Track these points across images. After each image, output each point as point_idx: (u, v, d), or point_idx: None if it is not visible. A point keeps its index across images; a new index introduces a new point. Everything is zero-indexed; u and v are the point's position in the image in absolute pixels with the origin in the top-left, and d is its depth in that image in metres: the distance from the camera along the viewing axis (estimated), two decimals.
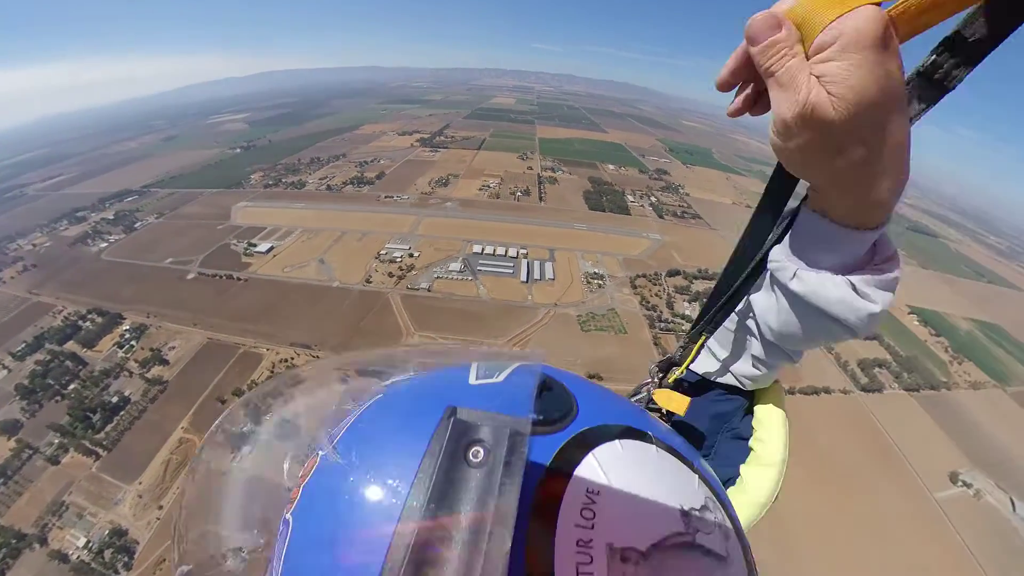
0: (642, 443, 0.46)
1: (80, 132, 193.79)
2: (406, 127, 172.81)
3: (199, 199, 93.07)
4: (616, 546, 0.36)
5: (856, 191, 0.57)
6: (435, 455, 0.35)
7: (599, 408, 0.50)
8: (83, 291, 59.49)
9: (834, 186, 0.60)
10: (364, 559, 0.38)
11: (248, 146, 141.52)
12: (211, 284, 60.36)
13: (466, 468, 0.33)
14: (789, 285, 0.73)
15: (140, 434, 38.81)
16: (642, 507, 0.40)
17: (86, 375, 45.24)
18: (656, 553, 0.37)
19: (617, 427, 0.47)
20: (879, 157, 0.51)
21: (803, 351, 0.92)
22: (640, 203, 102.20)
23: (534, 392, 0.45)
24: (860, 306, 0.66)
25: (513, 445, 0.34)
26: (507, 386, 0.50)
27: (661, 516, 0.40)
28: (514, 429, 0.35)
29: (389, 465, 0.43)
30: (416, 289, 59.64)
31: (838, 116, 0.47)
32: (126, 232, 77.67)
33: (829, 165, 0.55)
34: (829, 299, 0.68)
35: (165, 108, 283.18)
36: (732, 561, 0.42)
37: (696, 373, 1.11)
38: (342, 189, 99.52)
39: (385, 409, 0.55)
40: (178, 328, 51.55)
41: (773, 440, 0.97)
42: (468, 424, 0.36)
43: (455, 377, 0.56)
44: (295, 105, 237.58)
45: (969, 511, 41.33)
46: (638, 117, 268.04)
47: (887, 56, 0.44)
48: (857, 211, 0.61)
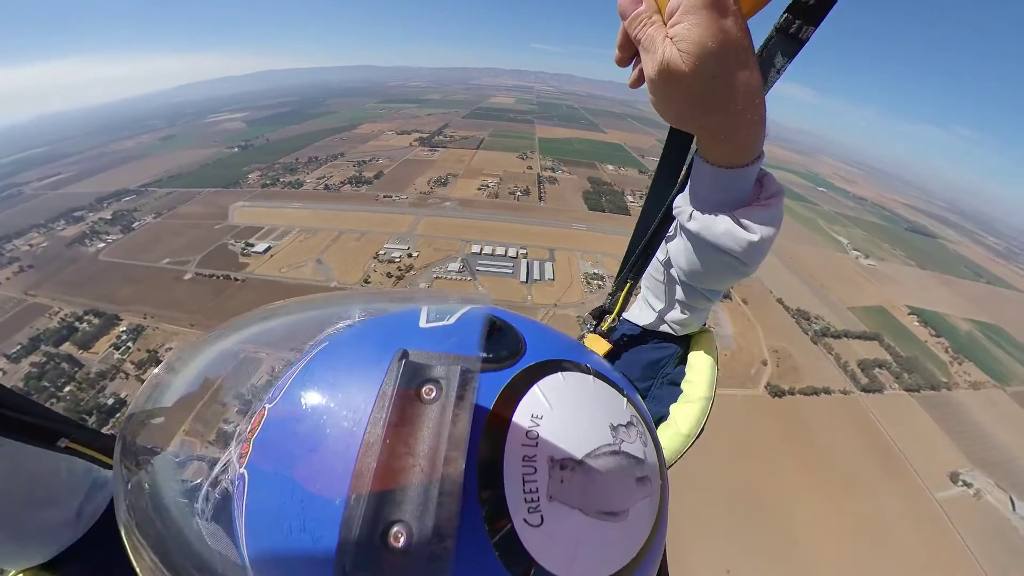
0: (580, 373, 0.51)
1: (78, 131, 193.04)
2: (404, 126, 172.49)
3: (197, 199, 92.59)
4: (556, 458, 0.42)
5: (720, 134, 0.67)
6: (387, 395, 0.36)
7: (544, 345, 0.54)
8: (80, 292, 59.10)
9: (704, 131, 0.70)
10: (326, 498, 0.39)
11: (246, 145, 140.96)
12: (208, 284, 59.99)
13: (420, 404, 0.35)
14: (687, 226, 0.84)
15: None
16: (578, 425, 0.45)
17: (82, 377, 44.86)
18: (588, 460, 0.43)
19: (559, 361, 0.52)
20: (731, 101, 0.60)
21: (718, 290, 1.01)
22: (640, 203, 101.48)
23: (484, 333, 0.51)
24: (741, 236, 0.76)
25: (464, 380, 0.36)
26: (458, 328, 0.53)
27: (593, 431, 0.46)
28: (465, 367, 0.37)
29: (342, 409, 0.44)
30: None
31: (687, 67, 0.57)
32: (124, 232, 77.24)
33: (693, 113, 0.65)
34: (716, 232, 0.78)
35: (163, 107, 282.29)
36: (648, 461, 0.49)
37: (638, 325, 1.20)
38: (340, 189, 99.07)
39: (332, 356, 0.55)
40: (175, 329, 51.18)
41: (699, 380, 1.05)
42: (420, 365, 0.37)
43: (405, 321, 0.57)
44: (293, 104, 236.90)
45: (969, 511, 41.30)
46: (637, 117, 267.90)
47: (721, 14, 0.54)
48: (727, 151, 0.70)
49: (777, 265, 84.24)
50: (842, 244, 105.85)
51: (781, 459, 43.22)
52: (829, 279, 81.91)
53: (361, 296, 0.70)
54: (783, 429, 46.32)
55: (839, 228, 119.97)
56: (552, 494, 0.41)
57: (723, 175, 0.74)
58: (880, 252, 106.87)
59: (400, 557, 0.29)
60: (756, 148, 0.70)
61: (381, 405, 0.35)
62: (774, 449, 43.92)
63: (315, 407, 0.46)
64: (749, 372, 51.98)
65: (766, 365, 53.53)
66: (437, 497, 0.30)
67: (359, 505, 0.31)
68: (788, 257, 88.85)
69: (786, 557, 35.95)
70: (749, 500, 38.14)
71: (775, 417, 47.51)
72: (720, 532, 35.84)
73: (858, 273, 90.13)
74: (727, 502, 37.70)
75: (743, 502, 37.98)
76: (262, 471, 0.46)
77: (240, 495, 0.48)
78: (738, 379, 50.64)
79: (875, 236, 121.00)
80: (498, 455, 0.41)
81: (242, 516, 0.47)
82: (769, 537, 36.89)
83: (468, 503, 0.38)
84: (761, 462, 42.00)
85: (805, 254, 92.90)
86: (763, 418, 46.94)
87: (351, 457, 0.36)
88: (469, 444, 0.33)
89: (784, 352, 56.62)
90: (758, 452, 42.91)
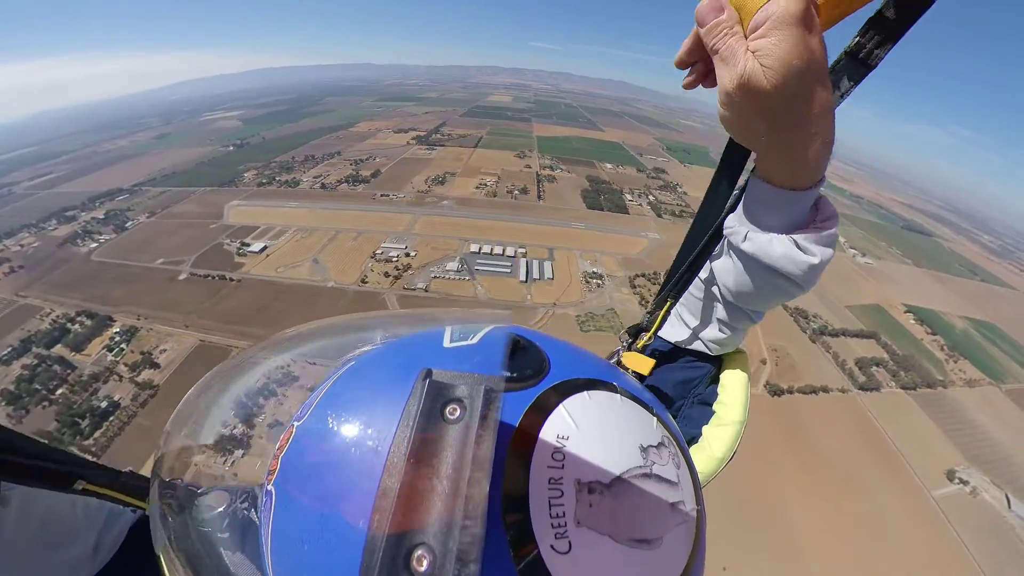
0: (608, 393, 0.50)
1: (71, 129, 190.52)
2: (401, 125, 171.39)
3: (191, 198, 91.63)
4: (583, 481, 0.41)
5: (790, 154, 0.66)
6: (412, 415, 0.35)
7: (570, 364, 0.53)
8: (72, 293, 58.28)
9: (772, 150, 0.68)
10: (349, 520, 0.39)
11: (241, 144, 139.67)
12: (203, 285, 59.31)
13: (444, 424, 0.34)
14: (741, 247, 0.82)
15: (130, 440, 37.96)
16: (606, 447, 0.44)
17: (74, 379, 44.21)
18: (618, 483, 0.41)
19: (585, 380, 0.51)
20: (807, 122, 0.59)
21: (763, 311, 0.99)
22: (638, 202, 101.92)
23: (507, 352, 0.49)
24: (801, 259, 0.75)
25: (488, 400, 0.35)
26: (481, 347, 0.52)
27: (623, 453, 0.44)
28: (489, 386, 0.36)
29: (367, 428, 0.45)
30: (413, 289, 58.94)
31: (769, 84, 0.55)
32: (117, 232, 76.27)
33: (767, 130, 0.63)
34: (774, 255, 0.76)
35: (158, 105, 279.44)
36: (682, 486, 0.47)
37: (669, 342, 1.17)
38: (337, 187, 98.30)
39: (358, 376, 0.56)
40: (169, 330, 50.56)
41: (734, 402, 1.04)
42: (443, 384, 0.37)
43: (429, 341, 0.57)
44: (289, 102, 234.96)
45: (966, 509, 41.42)
46: (636, 116, 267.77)
47: (809, 33, 0.53)
48: (792, 173, 0.69)
49: None
50: (840, 242, 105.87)
51: (780, 458, 43.24)
52: (827, 277, 78.46)
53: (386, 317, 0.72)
54: (782, 428, 46.35)
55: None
56: (580, 519, 0.39)
57: (784, 196, 0.72)
58: (877, 250, 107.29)
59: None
60: (821, 170, 0.69)
61: (405, 424, 0.35)
62: (773, 448, 43.93)
63: (340, 426, 0.47)
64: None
65: (765, 364, 53.57)
66: (461, 521, 0.30)
67: (382, 528, 0.31)
68: None
69: (783, 554, 35.95)
70: (748, 498, 38.13)
71: (774, 416, 47.53)
72: (717, 529, 35.80)
73: (855, 271, 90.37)
74: (725, 500, 37.68)
75: (741, 500, 37.97)
76: (288, 489, 0.48)
77: (267, 512, 0.50)
78: None
79: (872, 235, 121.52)
80: (523, 477, 0.40)
81: (268, 533, 0.49)
82: (766, 534, 36.90)
83: (492, 527, 0.37)
84: (760, 460, 42.01)
85: None
86: (762, 417, 46.94)
87: (375, 478, 0.35)
88: (493, 465, 0.32)
89: (783, 351, 56.67)
90: (758, 451, 42.90)
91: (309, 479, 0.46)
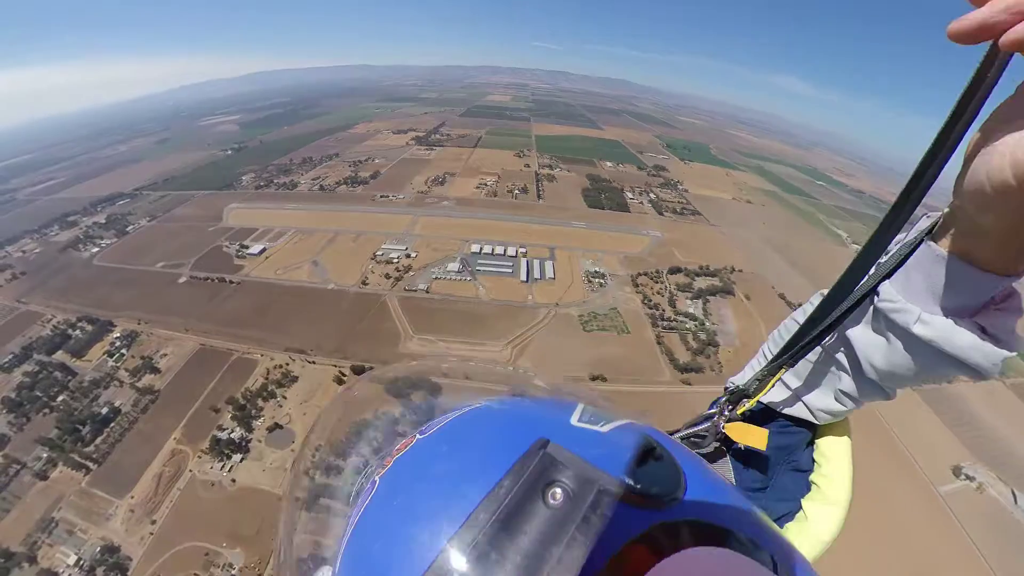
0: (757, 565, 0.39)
1: (71, 135, 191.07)
2: (400, 125, 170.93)
3: (191, 201, 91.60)
4: None
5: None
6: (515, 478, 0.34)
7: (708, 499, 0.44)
8: (73, 298, 58.18)
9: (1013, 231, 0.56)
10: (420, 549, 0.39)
11: (240, 147, 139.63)
12: (203, 288, 59.14)
13: (540, 504, 0.31)
14: (912, 329, 0.70)
15: (131, 446, 37.76)
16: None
17: (75, 386, 44.06)
18: None
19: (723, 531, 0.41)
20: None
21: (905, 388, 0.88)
22: (639, 200, 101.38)
23: (636, 456, 0.43)
24: (991, 351, 0.65)
25: (596, 503, 0.30)
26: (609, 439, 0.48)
27: None
28: (603, 486, 0.32)
29: (471, 470, 0.45)
30: (414, 290, 58.61)
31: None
32: (118, 236, 76.24)
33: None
34: (960, 345, 0.66)
35: (156, 110, 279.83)
36: None
37: (761, 402, 1.06)
38: (336, 189, 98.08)
39: (483, 418, 0.57)
40: (169, 335, 50.37)
41: (841, 478, 0.94)
42: (556, 461, 0.34)
43: (557, 411, 0.56)
44: (287, 105, 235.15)
45: (973, 505, 40.99)
46: (635, 114, 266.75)
47: None
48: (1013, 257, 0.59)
49: (778, 260, 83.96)
50: (842, 238, 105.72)
51: None
52: (829, 272, 79.79)
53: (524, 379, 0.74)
54: None
55: (838, 222, 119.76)
56: None
57: (984, 279, 0.61)
58: None
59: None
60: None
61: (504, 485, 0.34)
62: None
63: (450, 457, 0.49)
64: None
65: None
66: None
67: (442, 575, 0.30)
68: (790, 252, 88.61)
69: None
70: None
71: None
72: None
73: None
74: None
75: None
76: (389, 488, 0.50)
77: (365, 497, 0.53)
78: None
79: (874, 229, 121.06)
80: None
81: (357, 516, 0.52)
82: None
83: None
84: None
85: (806, 248, 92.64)
86: None
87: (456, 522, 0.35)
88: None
89: None
90: None
91: (407, 491, 0.48)
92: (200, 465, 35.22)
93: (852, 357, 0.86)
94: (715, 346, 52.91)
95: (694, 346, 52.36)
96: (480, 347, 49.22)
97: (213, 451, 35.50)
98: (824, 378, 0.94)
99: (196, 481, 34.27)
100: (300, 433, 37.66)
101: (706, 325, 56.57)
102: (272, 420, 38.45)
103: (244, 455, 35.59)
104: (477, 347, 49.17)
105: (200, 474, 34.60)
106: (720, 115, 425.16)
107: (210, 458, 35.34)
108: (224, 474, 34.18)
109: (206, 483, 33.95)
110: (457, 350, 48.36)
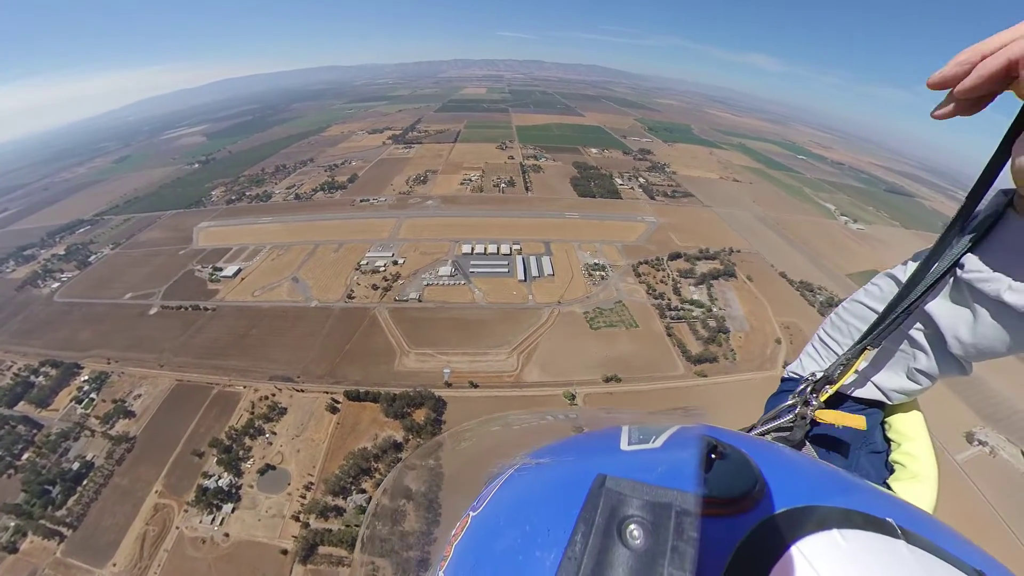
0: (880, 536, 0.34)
1: (24, 161, 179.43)
2: (375, 125, 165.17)
3: (158, 223, 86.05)
4: None
5: None
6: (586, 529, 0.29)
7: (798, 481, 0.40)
8: (35, 340, 53.41)
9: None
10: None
11: (207, 160, 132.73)
12: (176, 318, 54.80)
13: (621, 548, 0.27)
14: (1003, 297, 0.70)
15: (109, 505, 34.03)
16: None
17: (41, 440, 39.89)
18: None
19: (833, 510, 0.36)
20: None
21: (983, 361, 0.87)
22: (629, 185, 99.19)
23: (702, 459, 0.36)
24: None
25: (680, 527, 0.26)
26: (666, 452, 0.41)
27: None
28: (680, 506, 0.27)
29: (537, 534, 0.39)
30: (405, 300, 55.26)
31: None
32: (79, 268, 70.84)
33: None
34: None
35: (115, 127, 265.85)
36: None
37: None
38: (312, 197, 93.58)
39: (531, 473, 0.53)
40: (143, 372, 46.24)
41: (923, 453, 0.92)
42: (621, 496, 0.30)
43: (604, 441, 0.50)
44: (256, 112, 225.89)
45: (988, 469, 40.56)
46: (613, 98, 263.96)
47: None
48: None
49: (775, 238, 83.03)
50: (830, 210, 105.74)
51: None
52: (824, 247, 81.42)
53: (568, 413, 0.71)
54: None
55: (825, 195, 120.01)
56: None
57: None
58: (866, 215, 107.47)
59: None
60: None
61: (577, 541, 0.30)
62: None
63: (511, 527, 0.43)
64: (765, 353, 50.08)
65: (780, 343, 51.70)
66: None
67: None
68: (784, 228, 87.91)
69: None
70: None
71: None
72: None
73: (849, 238, 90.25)
74: None
75: None
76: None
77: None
78: (756, 361, 48.62)
79: (858, 200, 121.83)
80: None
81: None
82: None
83: None
84: None
85: (799, 224, 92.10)
86: None
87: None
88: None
89: (795, 327, 54.95)
90: None
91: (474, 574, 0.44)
92: (187, 520, 31.76)
93: (933, 333, 0.84)
94: (726, 332, 51.15)
95: (704, 335, 50.46)
96: (483, 357, 46.37)
97: (200, 502, 32.03)
98: (896, 357, 0.93)
99: (184, 539, 30.86)
100: (295, 473, 34.51)
101: (713, 311, 54.77)
102: (263, 461, 35.06)
103: (235, 504, 32.22)
104: (480, 357, 46.29)
105: (188, 530, 31.18)
106: (696, 95, 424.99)
107: (198, 511, 31.89)
108: (215, 528, 30.84)
109: (196, 540, 30.58)
110: (459, 362, 45.42)
